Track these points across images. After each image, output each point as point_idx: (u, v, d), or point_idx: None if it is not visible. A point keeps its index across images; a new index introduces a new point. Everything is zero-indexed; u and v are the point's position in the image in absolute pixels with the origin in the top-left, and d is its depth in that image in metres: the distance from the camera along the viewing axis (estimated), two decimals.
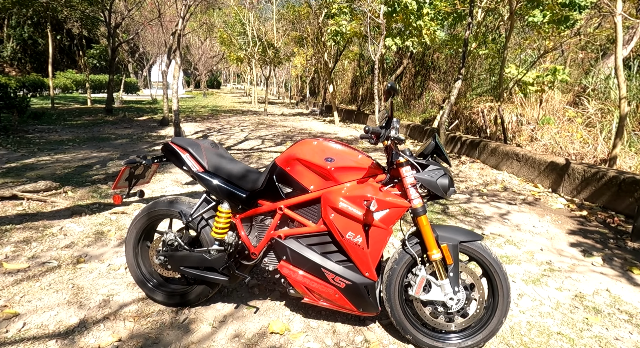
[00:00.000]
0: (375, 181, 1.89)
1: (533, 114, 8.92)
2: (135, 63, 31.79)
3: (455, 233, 1.84)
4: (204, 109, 17.38)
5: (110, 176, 5.04)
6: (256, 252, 2.03)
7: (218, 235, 2.05)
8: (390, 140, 1.78)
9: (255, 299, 2.39)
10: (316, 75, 23.85)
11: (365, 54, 18.25)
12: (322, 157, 1.87)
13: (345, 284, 1.85)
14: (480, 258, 1.82)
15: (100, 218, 3.59)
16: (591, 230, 3.68)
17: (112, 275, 2.62)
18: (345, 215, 1.80)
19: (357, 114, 14.51)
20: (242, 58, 22.35)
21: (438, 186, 1.77)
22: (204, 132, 9.85)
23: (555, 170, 4.94)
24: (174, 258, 2.14)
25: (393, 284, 1.88)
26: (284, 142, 8.60)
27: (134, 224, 2.25)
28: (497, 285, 1.81)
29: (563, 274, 2.77)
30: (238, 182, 2.05)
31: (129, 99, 22.39)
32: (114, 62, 12.96)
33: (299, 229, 1.94)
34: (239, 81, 72.76)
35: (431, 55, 15.04)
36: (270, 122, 13.13)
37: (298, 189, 1.94)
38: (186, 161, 2.08)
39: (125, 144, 7.66)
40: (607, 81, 8.29)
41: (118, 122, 11.26)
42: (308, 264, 1.90)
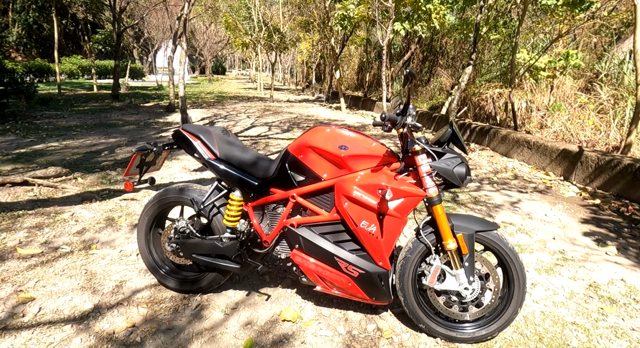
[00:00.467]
0: (390, 169, 1.86)
1: (543, 100, 8.74)
2: (140, 49, 31.63)
3: (471, 222, 1.81)
4: (210, 96, 17.30)
5: (119, 163, 5.04)
6: (268, 240, 2.02)
7: (230, 222, 2.04)
8: (406, 127, 1.73)
9: (267, 286, 2.39)
10: (322, 61, 23.58)
11: (372, 40, 17.95)
12: (335, 145, 1.84)
13: (358, 273, 1.84)
14: (496, 247, 1.80)
15: (110, 205, 3.60)
16: (605, 218, 3.63)
17: (124, 261, 2.64)
18: (359, 204, 1.78)
19: (364, 101, 14.36)
20: (248, 43, 22.09)
21: (455, 175, 1.73)
22: (210, 118, 9.82)
23: (568, 158, 4.86)
24: (185, 246, 2.13)
25: (407, 273, 1.87)
26: (291, 129, 8.55)
27: (145, 211, 2.24)
28: (512, 275, 1.79)
29: (577, 263, 2.74)
30: (250, 170, 2.03)
31: (134, 85, 22.37)
32: (119, 47, 12.88)
33: (311, 217, 1.92)
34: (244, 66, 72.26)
35: (439, 40, 14.73)
36: (276, 108, 13.05)
37: (311, 177, 1.91)
38: (197, 148, 2.06)
39: (133, 130, 7.65)
40: (621, 66, 8.07)
41: (125, 108, 11.25)
42: (321, 253, 1.89)
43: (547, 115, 8.36)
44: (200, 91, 19.81)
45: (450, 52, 14.30)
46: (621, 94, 7.52)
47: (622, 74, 7.95)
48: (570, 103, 8.44)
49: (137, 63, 31.23)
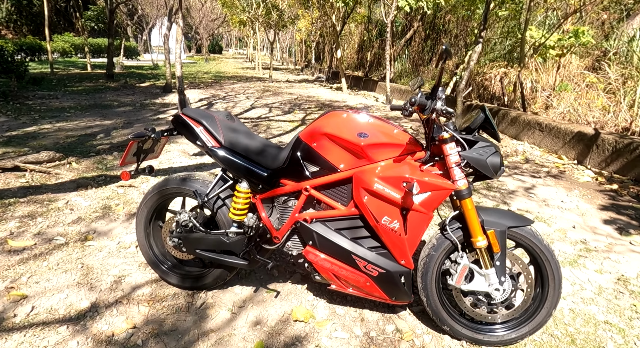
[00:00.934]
0: (414, 159, 1.68)
1: (548, 80, 8.48)
2: (134, 26, 30.72)
3: (503, 217, 1.65)
4: (207, 75, 16.87)
5: (115, 146, 4.84)
6: (279, 236, 1.85)
7: (236, 216, 1.87)
8: (435, 113, 1.54)
9: (275, 282, 2.25)
10: (321, 39, 22.95)
11: (374, 17, 17.40)
12: (354, 132, 1.65)
13: (378, 272, 1.69)
14: (530, 244, 1.64)
15: (107, 192, 3.43)
16: (624, 205, 3.49)
17: (123, 254, 2.49)
18: (381, 198, 1.61)
19: (366, 81, 14.01)
20: (245, 21, 21.42)
21: (488, 166, 1.55)
22: (209, 99, 9.53)
23: (583, 140, 4.68)
24: (188, 240, 1.97)
25: (430, 272, 1.72)
26: (292, 110, 8.30)
27: (144, 203, 2.07)
28: (547, 274, 1.64)
29: (601, 254, 2.61)
30: (258, 159, 1.85)
31: (129, 64, 21.79)
32: (112, 24, 12.41)
33: (327, 212, 1.75)
34: (241, 45, 70.85)
35: (442, 17, 14.24)
36: (275, 89, 12.71)
37: (326, 167, 1.73)
38: (200, 136, 1.87)
39: (129, 111, 7.40)
40: (631, 44, 7.77)
41: (120, 88, 10.92)
42: (337, 250, 1.73)
43: (552, 95, 8.12)
44: (197, 71, 19.33)
45: (453, 30, 13.85)
46: (630, 73, 7.26)
47: (632, 52, 7.65)
48: (577, 83, 8.18)
49: (132, 41, 30.40)
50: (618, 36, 8.39)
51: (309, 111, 8.39)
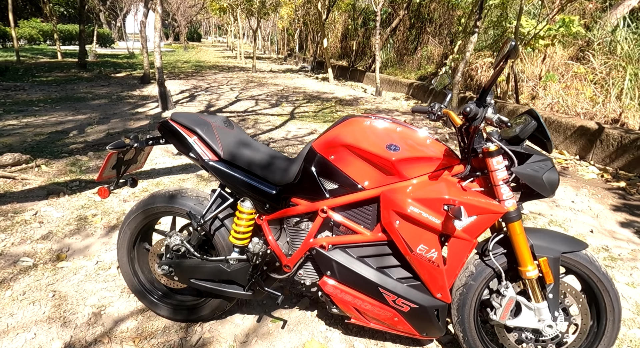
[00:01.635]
0: (451, 174, 1.42)
1: (533, 70, 8.39)
2: (107, 12, 29.31)
3: (555, 241, 1.41)
4: (187, 65, 16.21)
5: (91, 145, 4.43)
6: (290, 264, 1.58)
7: (238, 241, 1.59)
8: (484, 123, 1.28)
9: (281, 308, 1.98)
10: (304, 28, 22.37)
11: (358, 5, 16.99)
12: (382, 144, 1.37)
13: (410, 307, 1.44)
14: (584, 272, 1.42)
15: (82, 200, 3.06)
16: (636, 204, 3.35)
17: (102, 277, 2.16)
18: (417, 223, 1.35)
19: (352, 71, 13.69)
20: (225, 8, 20.63)
21: (545, 184, 1.31)
22: (190, 91, 9.06)
23: (585, 135, 4.54)
24: (181, 268, 1.68)
25: (468, 304, 1.48)
26: (280, 103, 7.94)
27: (127, 224, 1.75)
28: (605, 306, 1.43)
29: (627, 264, 2.44)
30: (263, 173, 1.56)
31: (103, 52, 20.80)
32: (83, 9, 11.65)
33: (348, 237, 1.48)
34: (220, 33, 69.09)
35: (427, 6, 13.98)
36: (260, 79, 12.26)
37: (346, 185, 1.45)
38: (194, 147, 1.56)
39: (105, 105, 6.90)
40: (615, 34, 7.71)
41: (94, 79, 10.30)
42: (361, 281, 1.47)
43: (538, 86, 8.03)
44: (176, 60, 18.57)
45: (438, 19, 13.62)
46: (619, 63, 7.20)
47: (616, 42, 7.59)
48: (562, 73, 8.12)
49: (105, 28, 29.01)
50: (601, 26, 8.34)
51: (297, 103, 8.05)
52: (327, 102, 8.27)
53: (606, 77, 7.18)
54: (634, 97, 6.43)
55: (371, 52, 15.06)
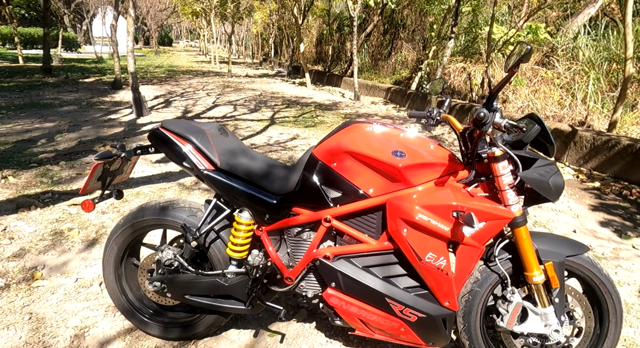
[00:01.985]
0: (456, 180, 1.41)
1: (503, 74, 8.70)
2: (72, 15, 28.23)
3: (559, 245, 1.42)
4: (160, 70, 15.80)
5: (62, 154, 4.19)
6: (292, 277, 1.52)
7: (236, 253, 1.51)
8: (492, 127, 1.27)
9: (277, 322, 1.91)
10: (279, 32, 22.32)
11: (332, 11, 17.11)
12: (388, 150, 1.34)
13: (417, 317, 1.41)
14: (588, 275, 1.43)
15: (55, 213, 2.88)
16: (612, 204, 3.48)
17: (83, 295, 2.02)
18: (425, 231, 1.32)
19: (329, 76, 13.74)
20: (198, 12, 20.30)
21: (551, 188, 1.31)
22: (165, 96, 8.81)
23: (560, 137, 4.70)
24: (175, 284, 1.58)
25: (474, 311, 1.46)
26: (259, 108, 7.83)
27: (114, 239, 1.64)
28: (607, 309, 1.44)
29: (611, 262, 2.51)
30: (262, 182, 1.49)
31: (69, 56, 19.99)
32: (47, 12, 11.16)
33: (353, 246, 1.44)
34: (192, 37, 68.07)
35: (400, 12, 14.26)
36: (236, 85, 12.10)
37: (350, 193, 1.41)
38: (189, 157, 1.48)
39: (74, 111, 6.59)
40: (576, 41, 8.11)
41: (60, 84, 9.84)
42: (367, 292, 1.42)
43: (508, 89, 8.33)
44: (148, 65, 18.08)
45: (411, 25, 13.91)
46: (582, 69, 7.56)
47: (578, 48, 7.98)
48: (529, 78, 8.46)
49: (70, 32, 27.91)
50: (564, 33, 8.76)
51: (277, 108, 7.97)
52: (307, 107, 8.24)
53: (571, 81, 7.53)
54: (598, 100, 6.77)
55: (346, 56, 15.16)
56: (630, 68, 4.72)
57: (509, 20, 10.27)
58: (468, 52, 10.09)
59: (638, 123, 6.03)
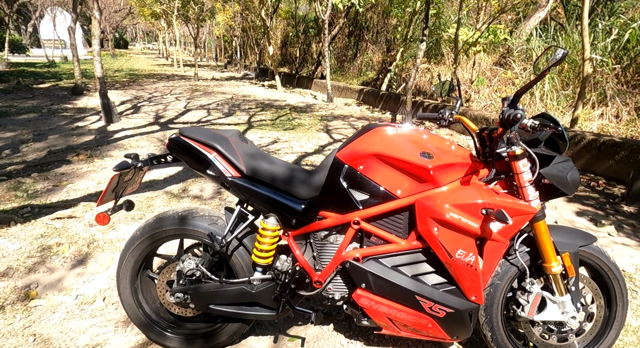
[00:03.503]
0: (478, 178, 1.48)
1: (464, 75, 9.14)
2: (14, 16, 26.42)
3: (571, 236, 1.53)
4: (120, 74, 15.17)
5: (32, 166, 3.94)
6: (321, 280, 1.53)
7: (262, 259, 1.51)
8: (518, 127, 1.35)
9: (294, 325, 1.91)
10: (244, 34, 22.07)
11: (298, 13, 17.15)
12: (416, 152, 1.39)
13: (445, 313, 1.46)
14: (597, 263, 1.55)
15: (39, 227, 2.71)
16: (584, 195, 3.74)
17: (88, 312, 1.93)
18: (456, 229, 1.37)
19: (299, 78, 13.75)
20: (159, 14, 19.68)
21: (569, 183, 1.41)
22: (132, 102, 8.47)
23: None
24: (199, 294, 1.55)
25: (496, 303, 1.54)
26: (233, 112, 7.71)
27: (131, 251, 1.58)
28: (615, 294, 1.57)
29: None
30: (287, 187, 1.49)
31: (17, 60, 18.73)
32: None
33: (382, 247, 1.47)
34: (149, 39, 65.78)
35: (364, 15, 14.56)
36: (205, 88, 11.83)
37: (379, 195, 1.44)
38: (215, 164, 1.45)
39: (35, 119, 6.20)
40: (529, 42, 8.65)
41: (12, 91, 9.21)
42: (397, 291, 1.46)
43: (470, 89, 8.75)
44: (107, 68, 17.27)
45: (374, 27, 14.22)
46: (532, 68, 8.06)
47: (531, 50, 8.51)
48: (489, 78, 8.93)
49: (14, 34, 26.13)
50: (518, 35, 9.32)
51: (251, 111, 7.89)
52: (282, 110, 8.21)
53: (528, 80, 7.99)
54: (554, 98, 7.26)
55: (313, 59, 15.24)
56: (588, 68, 5.09)
57: (468, 22, 10.75)
58: (431, 53, 10.48)
59: (591, 119, 6.53)
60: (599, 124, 6.23)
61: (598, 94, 6.62)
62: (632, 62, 6.70)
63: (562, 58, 1.20)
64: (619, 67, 6.75)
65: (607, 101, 6.50)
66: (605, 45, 6.91)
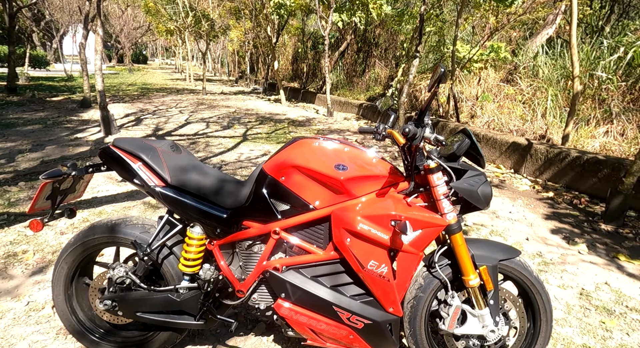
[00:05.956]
0: (397, 191, 1.49)
1: (471, 91, 9.12)
2: (41, 33, 27.70)
3: (492, 249, 1.52)
4: (132, 88, 15.63)
5: (22, 175, 4.09)
6: (243, 289, 1.55)
7: (189, 268, 1.54)
8: (423, 141, 1.37)
9: (235, 335, 1.92)
10: (255, 50, 22.59)
11: (307, 29, 17.52)
12: (331, 164, 1.42)
13: (364, 324, 1.46)
14: (520, 277, 1.53)
15: (10, 234, 2.80)
16: (563, 212, 3.67)
17: (34, 319, 1.98)
18: (367, 240, 1.39)
19: (304, 93, 13.95)
20: (173, 30, 20.34)
21: (480, 197, 1.41)
22: (136, 115, 8.72)
23: (517, 150, 4.94)
24: (126, 302, 1.58)
25: (419, 316, 1.53)
26: (232, 125, 7.86)
27: (64, 258, 1.63)
28: (539, 308, 1.54)
29: (558, 267, 2.65)
30: (214, 197, 1.54)
31: (37, 75, 19.52)
32: (13, 30, 10.93)
33: (301, 257, 1.49)
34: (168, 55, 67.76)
35: (373, 31, 14.77)
36: (211, 102, 12.11)
37: (298, 205, 1.48)
38: (139, 173, 1.51)
39: (38, 130, 6.44)
40: (536, 59, 8.62)
41: (26, 103, 9.60)
42: (315, 302, 1.47)
43: (476, 105, 8.72)
44: (120, 83, 17.86)
45: (383, 43, 14.40)
46: (541, 85, 8.01)
47: (538, 66, 8.48)
48: (495, 94, 8.89)
49: (39, 50, 27.34)
50: (525, 52, 9.30)
51: (250, 125, 8.03)
52: (280, 124, 8.33)
53: (532, 97, 7.95)
54: (556, 115, 7.17)
55: (322, 74, 15.46)
56: (577, 86, 5.06)
57: (474, 39, 10.80)
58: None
59: (593, 136, 6.41)
60: (601, 142, 6.11)
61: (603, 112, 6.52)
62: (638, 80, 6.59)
63: (442, 75, 1.22)
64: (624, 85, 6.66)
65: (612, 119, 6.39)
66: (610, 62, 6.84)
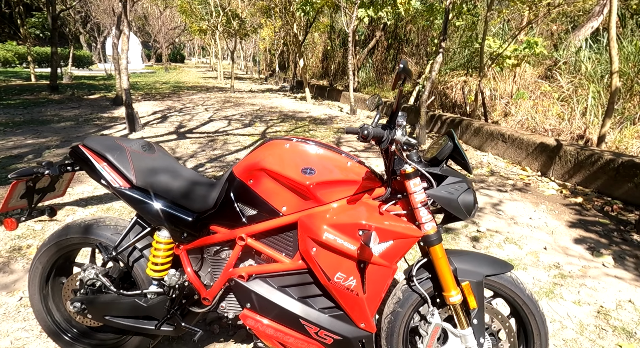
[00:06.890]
0: (372, 197, 1.37)
1: (506, 88, 8.64)
2: (87, 34, 29.22)
3: (479, 263, 1.37)
4: (165, 86, 16.13)
5: None
6: (209, 297, 1.48)
7: (156, 272, 1.49)
8: (395, 144, 1.25)
9: (215, 342, 1.86)
10: (285, 48, 22.70)
11: (336, 26, 17.37)
12: (298, 168, 1.32)
13: (333, 339, 1.36)
14: (510, 295, 1.37)
15: (20, 229, 2.90)
16: (591, 220, 3.36)
17: (23, 315, 2.01)
18: (333, 250, 1.28)
19: (330, 91, 13.84)
20: (205, 30, 20.80)
21: (460, 206, 1.27)
22: (163, 112, 8.95)
23: (545, 152, 4.61)
24: (94, 305, 1.56)
25: (397, 332, 1.41)
26: (253, 123, 7.90)
27: (38, 258, 1.63)
28: (532, 329, 1.37)
29: (576, 281, 2.41)
30: (181, 200, 1.48)
31: (80, 74, 20.59)
32: (55, 32, 11.53)
33: (268, 266, 1.41)
34: (204, 54, 69.59)
35: (404, 27, 14.39)
36: (237, 100, 12.25)
37: (265, 211, 1.39)
38: (103, 174, 1.48)
39: (69, 127, 6.73)
40: (579, 54, 8.03)
41: (64, 101, 10.10)
42: (281, 313, 1.38)
43: (510, 103, 8.25)
44: (155, 81, 18.49)
45: (414, 39, 13.99)
46: (580, 82, 7.45)
47: (580, 62, 7.89)
48: (532, 91, 8.36)
49: (85, 50, 28.86)
50: (566, 47, 8.69)
51: (271, 123, 8.03)
52: (301, 122, 8.27)
53: (572, 95, 7.41)
54: (597, 114, 6.64)
55: None
56: (616, 82, 4.63)
57: (507, 33, 10.25)
58: (470, 65, 10.07)
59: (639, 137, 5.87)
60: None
61: None
62: None
63: (401, 73, 1.09)
64: None
65: None
66: None
